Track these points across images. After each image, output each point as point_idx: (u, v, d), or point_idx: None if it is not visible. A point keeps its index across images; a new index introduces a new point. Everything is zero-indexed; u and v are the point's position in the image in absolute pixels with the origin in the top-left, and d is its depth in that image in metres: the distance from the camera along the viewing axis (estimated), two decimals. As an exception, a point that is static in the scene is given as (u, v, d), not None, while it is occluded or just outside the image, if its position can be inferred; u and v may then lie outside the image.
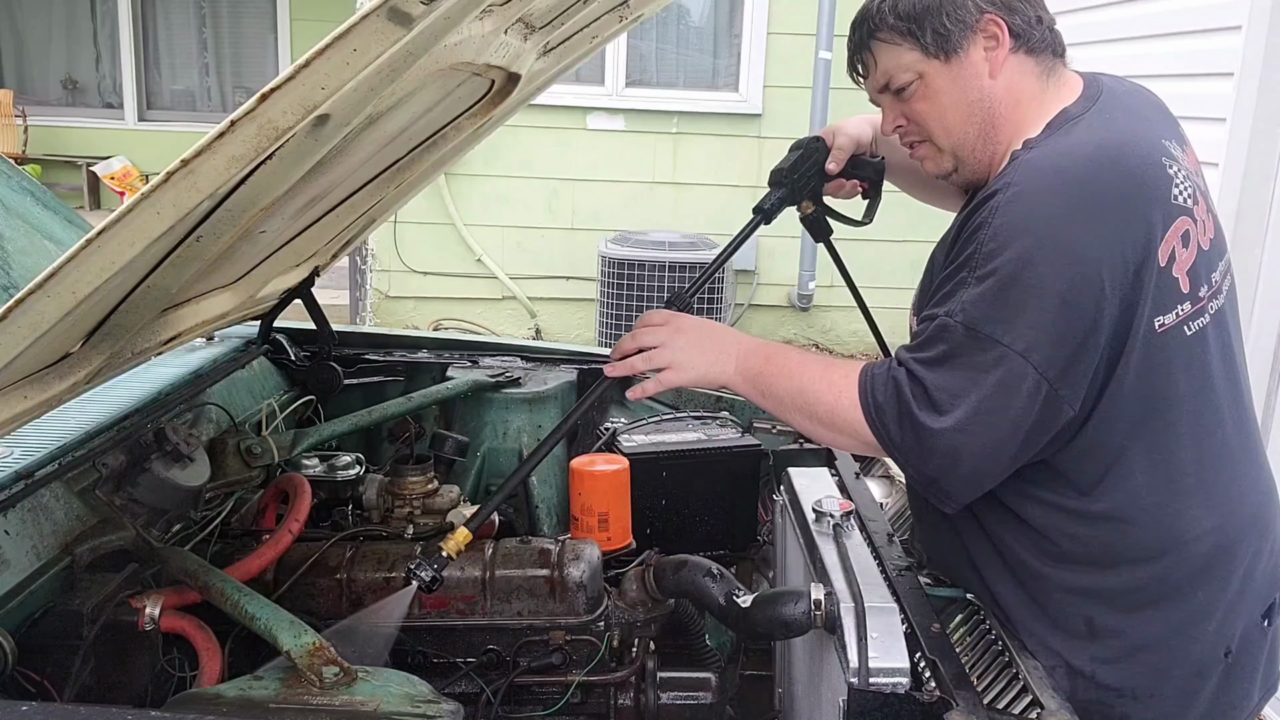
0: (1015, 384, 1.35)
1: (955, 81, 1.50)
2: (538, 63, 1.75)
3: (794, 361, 1.56)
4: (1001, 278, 1.35)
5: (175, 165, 1.07)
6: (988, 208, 1.40)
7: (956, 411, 1.36)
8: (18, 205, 2.28)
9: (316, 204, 1.74)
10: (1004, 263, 1.35)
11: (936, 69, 1.49)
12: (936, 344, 1.40)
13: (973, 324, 1.36)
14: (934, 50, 1.48)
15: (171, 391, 2.10)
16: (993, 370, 1.35)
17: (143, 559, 1.68)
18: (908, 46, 1.49)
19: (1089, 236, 1.35)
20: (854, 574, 1.50)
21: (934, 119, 1.53)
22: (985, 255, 1.37)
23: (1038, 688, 1.38)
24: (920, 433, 1.39)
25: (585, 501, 2.14)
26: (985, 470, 1.41)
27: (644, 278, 6.14)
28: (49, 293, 1.14)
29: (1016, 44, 1.49)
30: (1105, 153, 1.40)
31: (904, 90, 1.53)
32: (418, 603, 1.87)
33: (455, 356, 2.73)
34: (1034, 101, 1.51)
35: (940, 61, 1.49)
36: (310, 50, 1.02)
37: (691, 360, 1.60)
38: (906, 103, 1.54)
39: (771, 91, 7.05)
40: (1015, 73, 1.50)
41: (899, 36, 1.50)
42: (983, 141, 1.52)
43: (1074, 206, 1.36)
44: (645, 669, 1.89)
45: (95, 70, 9.62)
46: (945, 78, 1.50)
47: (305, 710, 1.33)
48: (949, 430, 1.37)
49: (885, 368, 1.46)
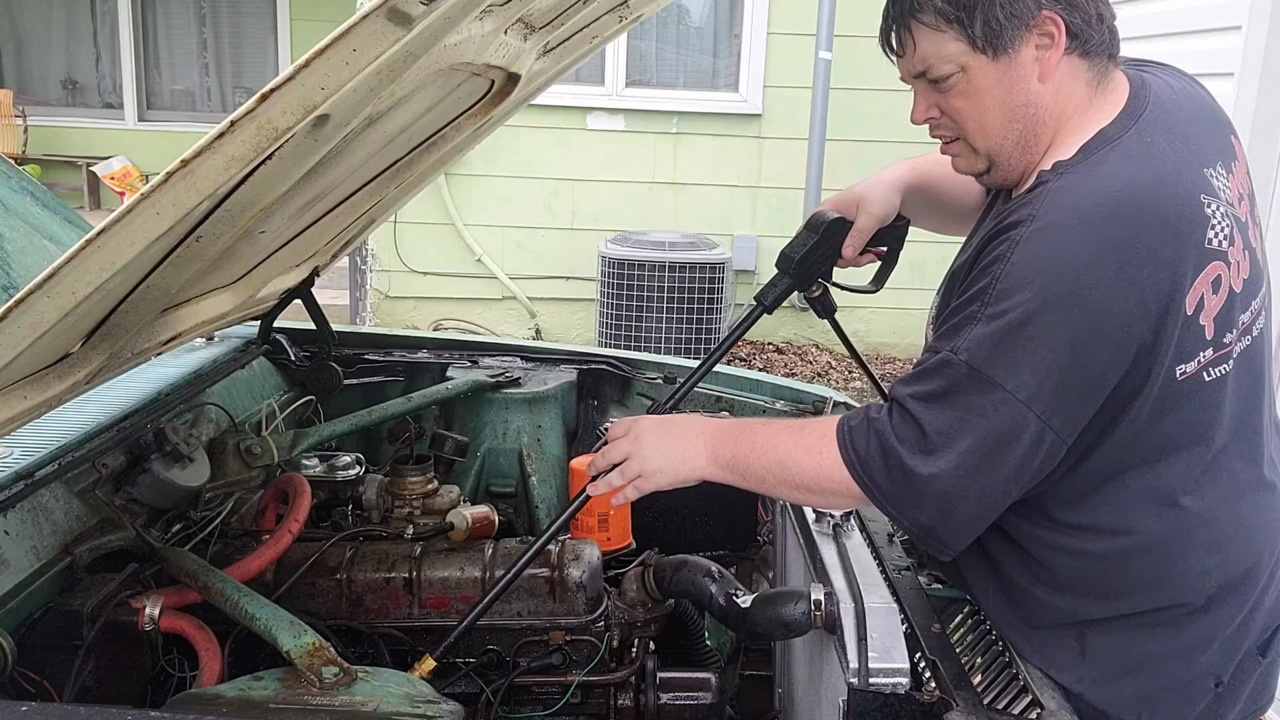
0: (1016, 432, 1.28)
1: (1001, 81, 1.36)
2: (537, 63, 1.75)
3: (763, 436, 1.49)
4: (1012, 320, 1.27)
5: (175, 165, 1.07)
6: (1008, 240, 1.31)
7: (949, 455, 1.30)
8: (18, 205, 2.28)
9: (316, 204, 1.74)
10: (1016, 305, 1.27)
11: (982, 65, 1.35)
12: (935, 379, 1.33)
13: (977, 364, 1.29)
14: (982, 44, 1.34)
15: (171, 391, 2.10)
16: (992, 415, 1.28)
17: (142, 559, 1.68)
18: (953, 35, 1.34)
19: (1110, 286, 1.26)
20: (854, 574, 1.50)
21: (972, 118, 1.41)
22: (998, 293, 1.29)
23: (1038, 688, 1.38)
24: (911, 479, 1.32)
25: (585, 501, 2.14)
26: (983, 515, 1.35)
27: (644, 278, 6.14)
28: (49, 293, 1.14)
29: (1072, 45, 1.36)
30: (1136, 193, 1.30)
31: (942, 81, 1.39)
32: (417, 603, 1.87)
33: (455, 356, 2.73)
34: (1078, 111, 1.39)
35: (987, 57, 1.35)
36: (310, 50, 1.02)
37: (659, 464, 1.55)
38: (944, 95, 1.41)
39: (771, 92, 7.05)
40: (1066, 77, 1.37)
41: (945, 22, 1.34)
42: (1021, 149, 1.41)
43: (1096, 253, 1.27)
44: (645, 669, 1.89)
45: (95, 70, 9.62)
46: (991, 76, 1.36)
47: (305, 710, 1.33)
48: (942, 475, 1.30)
49: (862, 418, 1.39)
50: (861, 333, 7.40)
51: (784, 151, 7.00)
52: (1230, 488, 1.43)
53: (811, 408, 2.52)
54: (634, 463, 1.56)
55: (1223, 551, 1.42)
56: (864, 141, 7.06)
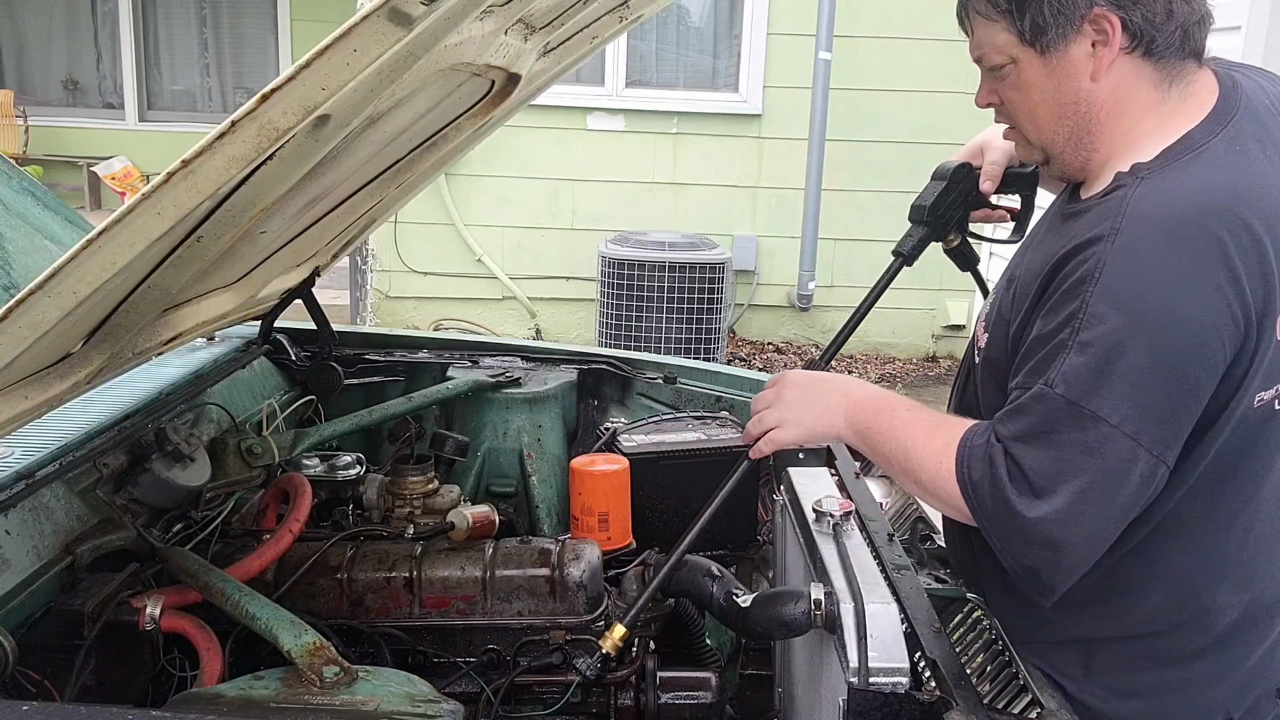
0: (1125, 469, 1.23)
1: (1049, 78, 1.34)
2: (538, 63, 1.75)
3: (900, 420, 1.45)
4: (1107, 348, 1.22)
5: (176, 165, 1.08)
6: (1092, 257, 1.26)
7: (1057, 498, 1.24)
8: (18, 205, 2.28)
9: (317, 204, 1.74)
10: (1109, 331, 1.22)
11: (1030, 59, 1.34)
12: (1031, 415, 1.27)
13: (1075, 398, 1.23)
14: (1030, 38, 1.32)
15: (172, 391, 2.10)
16: (1097, 453, 1.22)
17: (143, 559, 1.68)
18: (1003, 26, 1.34)
19: (1201, 303, 1.21)
20: (854, 574, 1.50)
21: (1023, 110, 1.40)
22: (1088, 318, 1.23)
23: (1038, 688, 1.38)
24: (1016, 521, 1.26)
25: (585, 501, 2.14)
26: (1091, 558, 1.29)
27: (644, 278, 6.14)
28: (50, 293, 1.14)
29: (1132, 44, 1.31)
30: (1224, 203, 1.24)
31: (996, 70, 1.39)
32: (418, 602, 1.87)
33: (455, 356, 2.73)
34: (1148, 112, 1.34)
35: (1035, 52, 1.33)
36: (311, 51, 1.03)
37: (799, 416, 1.55)
38: (1000, 84, 1.41)
39: (771, 92, 7.05)
40: (1125, 77, 1.33)
41: (995, 13, 1.34)
42: (1073, 146, 1.39)
43: (1186, 270, 1.22)
44: (645, 669, 1.89)
45: (96, 70, 9.61)
46: (1039, 71, 1.34)
47: (306, 710, 1.34)
48: (1048, 520, 1.24)
49: (984, 439, 1.32)
50: (861, 332, 7.38)
51: (784, 151, 7.00)
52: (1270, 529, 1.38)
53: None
54: (773, 413, 1.57)
55: (1250, 590, 1.38)
56: (864, 141, 7.07)
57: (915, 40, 6.94)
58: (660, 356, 2.83)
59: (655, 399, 2.66)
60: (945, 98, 6.97)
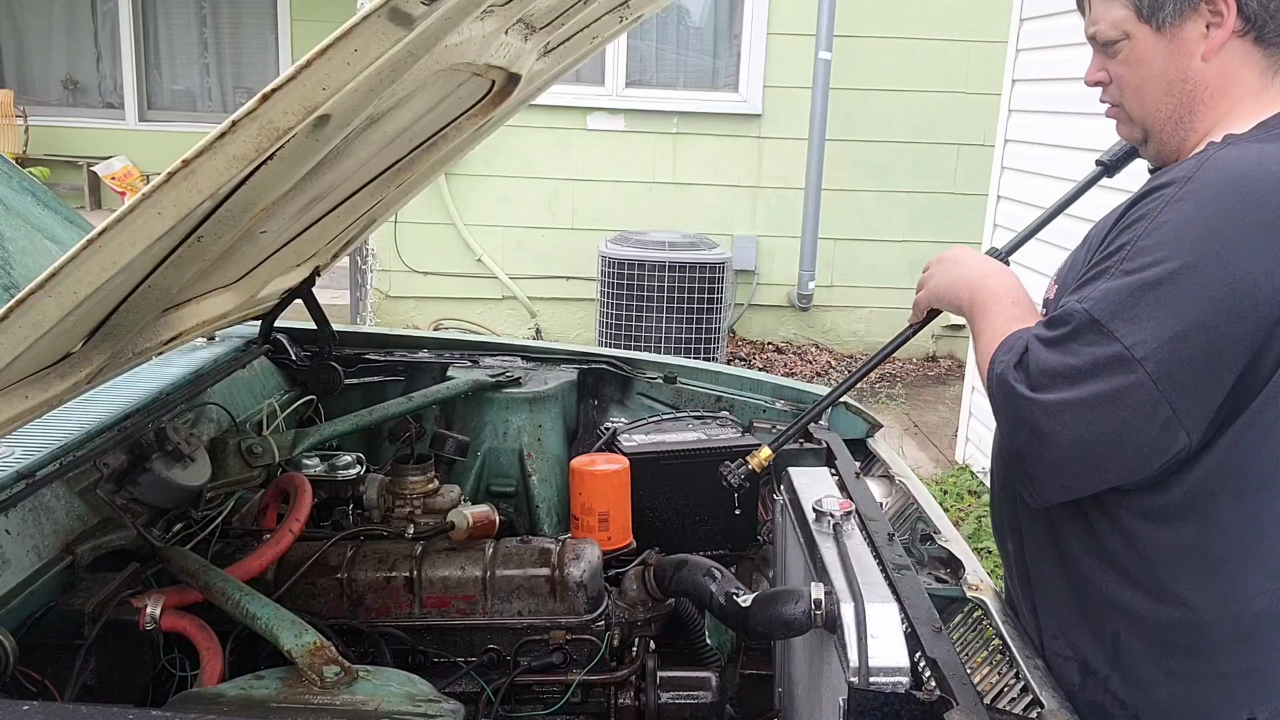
0: (1124, 390, 1.25)
1: (1161, 54, 1.38)
2: (538, 63, 1.75)
3: (997, 311, 1.49)
4: (1144, 279, 1.25)
5: (176, 165, 1.08)
6: (1159, 198, 1.29)
7: (1049, 394, 1.28)
8: (18, 205, 2.28)
9: (317, 204, 1.74)
10: (1151, 264, 1.25)
11: (1146, 35, 1.38)
12: (1059, 326, 1.31)
13: (1097, 315, 1.27)
14: (1147, 15, 1.37)
15: (172, 391, 2.10)
16: (1103, 371, 1.26)
17: (144, 558, 1.68)
18: (1121, 3, 1.39)
19: (1256, 261, 1.22)
20: (854, 573, 1.50)
21: (1131, 86, 1.44)
22: (1137, 250, 1.27)
23: (1038, 687, 1.38)
24: (1012, 398, 1.32)
25: (585, 501, 2.14)
26: (1073, 470, 1.31)
27: (644, 278, 6.14)
28: (50, 292, 1.14)
29: (1245, 28, 1.34)
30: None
31: (1110, 46, 1.43)
32: (418, 602, 1.87)
33: (455, 356, 2.73)
34: (1248, 97, 1.38)
35: (1151, 28, 1.38)
36: (311, 51, 1.02)
37: (939, 282, 1.65)
38: (1111, 60, 1.45)
39: (771, 92, 7.05)
40: (1234, 60, 1.36)
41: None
42: (1174, 124, 1.42)
43: (1249, 226, 1.23)
44: (645, 668, 1.89)
45: (96, 70, 9.61)
46: (1152, 47, 1.39)
47: (306, 709, 1.34)
48: (1037, 406, 1.29)
49: (1022, 335, 1.38)
50: (861, 332, 7.41)
51: (784, 151, 7.00)
52: None
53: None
54: (926, 275, 1.69)
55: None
56: (864, 141, 7.07)
57: (915, 40, 6.94)
58: (660, 356, 2.83)
59: (655, 399, 2.66)
60: (945, 98, 6.98)
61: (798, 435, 1.93)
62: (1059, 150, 4.52)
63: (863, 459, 2.29)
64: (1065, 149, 4.45)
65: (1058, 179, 4.47)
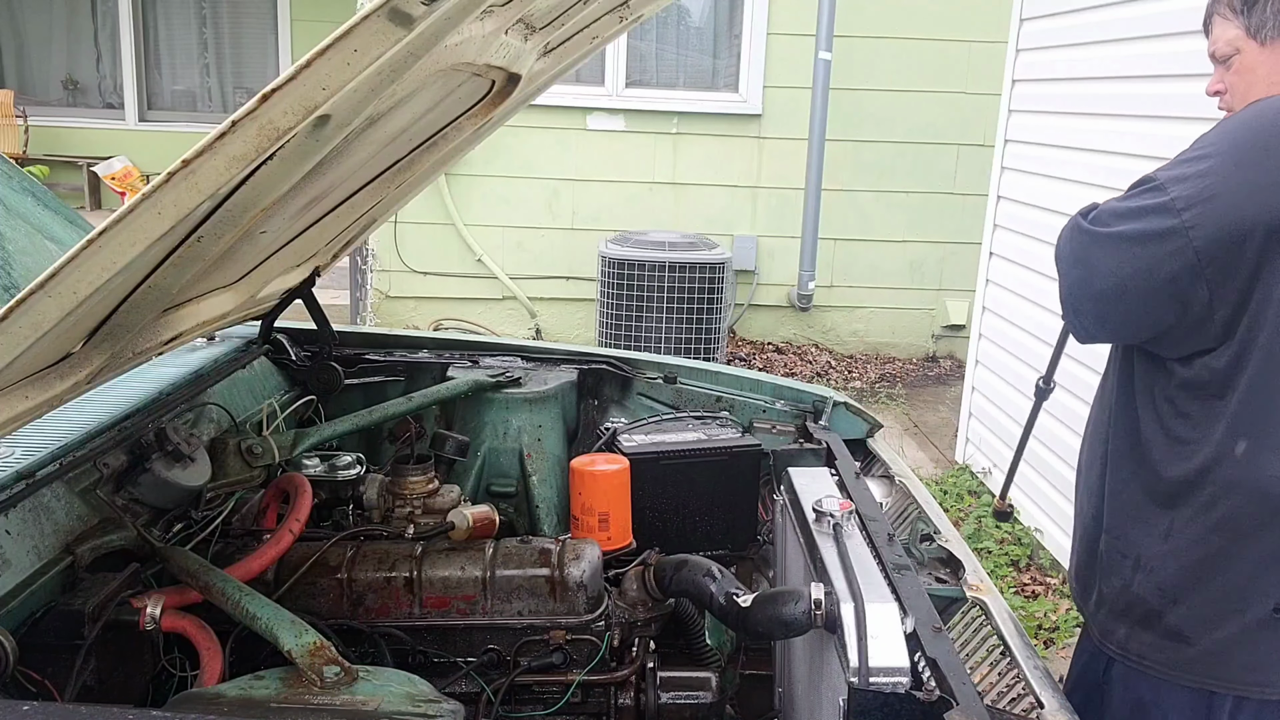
0: (1162, 233, 1.54)
1: (1265, 64, 1.69)
2: (538, 63, 1.75)
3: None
4: (1196, 153, 1.58)
5: (176, 165, 1.08)
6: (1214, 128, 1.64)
7: (1103, 228, 1.58)
8: (18, 205, 2.28)
9: (317, 204, 1.74)
10: (1206, 143, 1.59)
11: (1253, 49, 1.70)
12: (1133, 187, 1.61)
13: (1160, 177, 1.57)
14: (1254, 31, 1.69)
15: (172, 391, 2.10)
16: (1150, 214, 1.55)
17: (144, 559, 1.68)
18: (1236, 23, 1.71)
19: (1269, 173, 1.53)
20: (854, 574, 1.50)
21: (1240, 92, 1.73)
22: (1194, 146, 1.61)
23: (1038, 687, 1.38)
24: (1075, 230, 1.60)
25: (585, 501, 2.14)
26: (1113, 302, 1.60)
27: (644, 278, 6.14)
28: (50, 293, 1.14)
29: None
30: None
31: (1226, 61, 1.74)
32: (418, 602, 1.87)
33: (455, 356, 2.73)
34: None
35: (1257, 44, 1.69)
36: (311, 51, 1.02)
37: None
38: (1226, 71, 1.75)
39: (771, 92, 7.05)
40: None
41: (1232, 13, 1.72)
42: None
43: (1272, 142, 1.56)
44: (645, 669, 1.89)
45: (96, 70, 9.60)
46: (1258, 58, 1.70)
47: (306, 710, 1.34)
48: (1090, 235, 1.58)
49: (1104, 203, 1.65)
50: (861, 332, 7.40)
51: (784, 151, 7.00)
52: None
53: (811, 408, 2.53)
54: None
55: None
56: (864, 141, 7.06)
57: (915, 40, 6.94)
58: (660, 356, 2.83)
59: (655, 399, 2.66)
60: (945, 98, 6.97)
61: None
62: (1059, 150, 4.52)
63: (863, 459, 2.29)
64: (1065, 149, 4.45)
65: (1058, 179, 4.46)
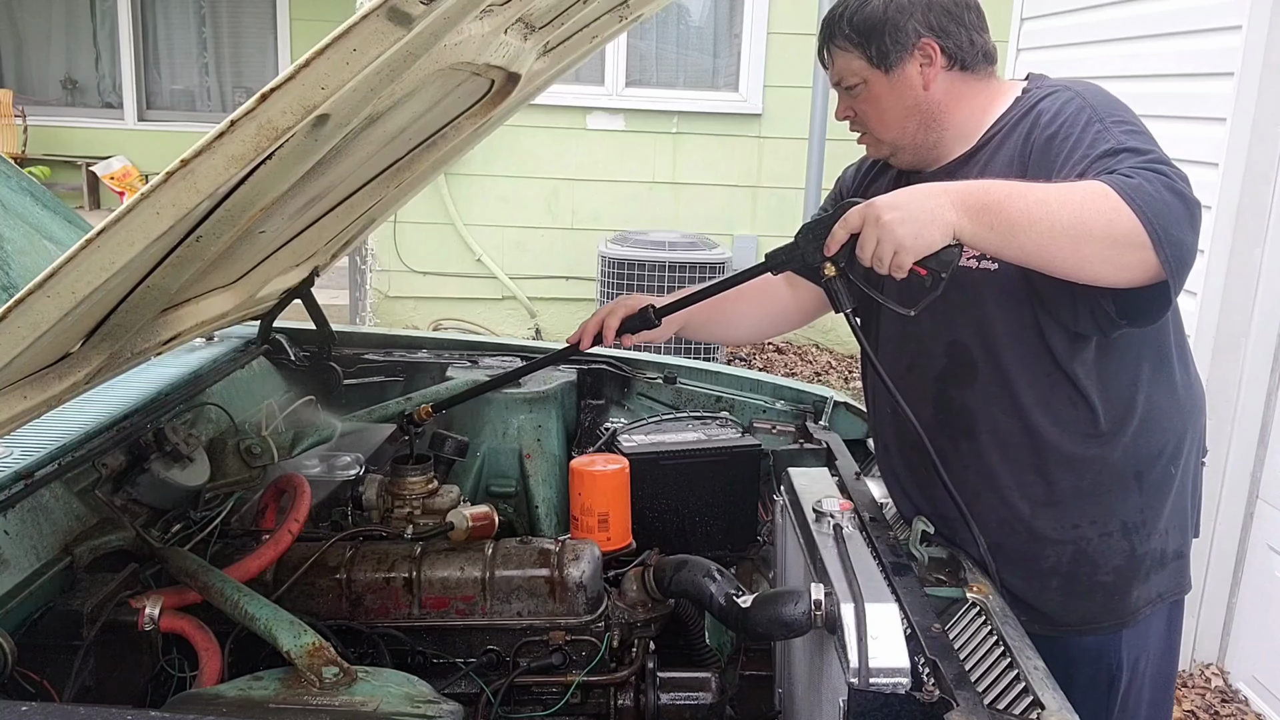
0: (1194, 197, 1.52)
1: (892, 90, 1.74)
2: (537, 62, 1.75)
3: (1016, 188, 1.51)
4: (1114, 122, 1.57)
5: (175, 165, 1.07)
6: (1058, 115, 1.62)
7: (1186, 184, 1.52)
8: (17, 205, 2.28)
9: (316, 204, 1.74)
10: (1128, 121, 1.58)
11: (878, 78, 1.74)
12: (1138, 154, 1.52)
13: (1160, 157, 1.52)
14: (877, 62, 1.72)
15: (171, 391, 2.10)
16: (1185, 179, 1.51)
17: (142, 559, 1.68)
18: (857, 55, 1.74)
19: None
20: (854, 574, 1.50)
21: (873, 118, 1.78)
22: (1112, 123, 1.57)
23: (1038, 688, 1.38)
24: (1188, 203, 1.48)
25: (585, 501, 2.14)
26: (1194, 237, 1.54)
27: (644, 278, 6.14)
28: (49, 293, 1.14)
29: (950, 63, 1.73)
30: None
31: (851, 89, 1.78)
32: (417, 603, 1.87)
33: (455, 356, 2.73)
34: (978, 96, 1.76)
35: (882, 72, 1.73)
36: (310, 50, 1.02)
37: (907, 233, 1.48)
38: (854, 100, 1.79)
39: (771, 91, 7.05)
40: (951, 83, 1.74)
41: (850, 45, 1.74)
42: (924, 132, 1.76)
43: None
44: (645, 669, 1.89)
45: (95, 70, 9.60)
46: (884, 86, 1.74)
47: (305, 710, 1.33)
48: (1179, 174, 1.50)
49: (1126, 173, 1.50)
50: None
51: (784, 151, 6.99)
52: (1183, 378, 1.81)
53: (811, 408, 2.53)
54: (886, 245, 1.50)
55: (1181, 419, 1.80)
56: (864, 141, 7.06)
57: (915, 40, 6.94)
58: (660, 356, 2.83)
59: (655, 399, 2.66)
60: (945, 97, 6.98)
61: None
62: (1059, 150, 4.52)
63: (863, 459, 2.29)
64: (1065, 149, 4.44)
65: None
